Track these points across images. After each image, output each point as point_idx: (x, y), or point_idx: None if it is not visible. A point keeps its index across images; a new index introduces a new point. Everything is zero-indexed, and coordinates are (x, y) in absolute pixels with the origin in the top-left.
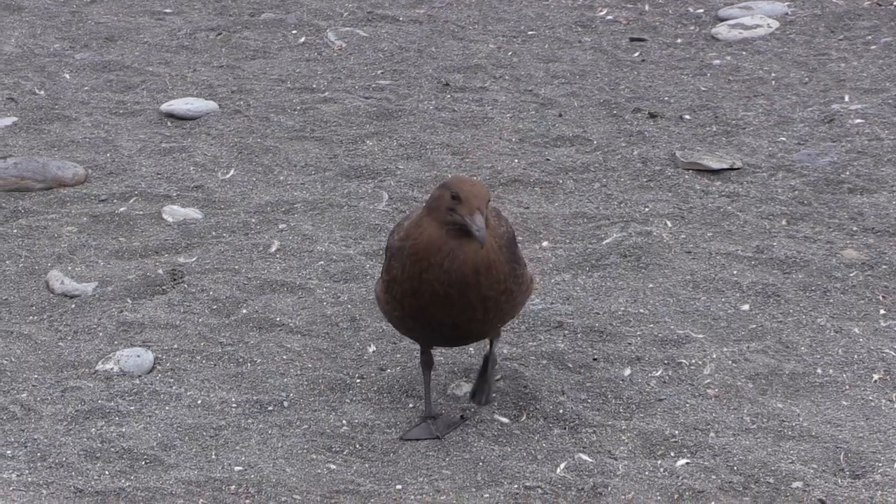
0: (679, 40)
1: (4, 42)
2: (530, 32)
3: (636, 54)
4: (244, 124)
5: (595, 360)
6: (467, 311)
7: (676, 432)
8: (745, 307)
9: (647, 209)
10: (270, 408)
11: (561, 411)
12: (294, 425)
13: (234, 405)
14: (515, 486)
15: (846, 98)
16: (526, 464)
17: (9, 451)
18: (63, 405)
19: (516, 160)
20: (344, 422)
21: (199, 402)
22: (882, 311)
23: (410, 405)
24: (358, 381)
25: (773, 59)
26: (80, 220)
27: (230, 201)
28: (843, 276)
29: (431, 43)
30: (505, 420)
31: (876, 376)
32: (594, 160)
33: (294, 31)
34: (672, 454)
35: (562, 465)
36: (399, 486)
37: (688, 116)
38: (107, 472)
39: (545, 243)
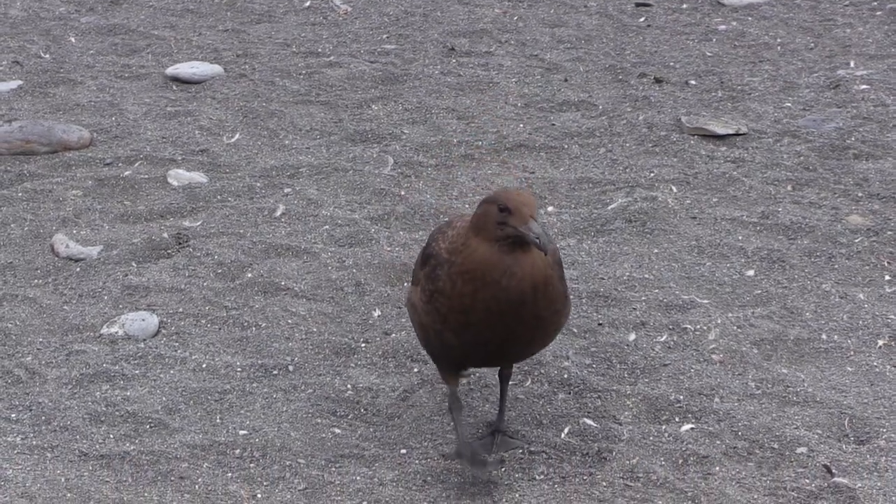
0: (685, 5)
1: (10, 5)
2: None
3: (642, 19)
4: (249, 88)
5: (600, 325)
6: (518, 330)
7: (681, 397)
8: (750, 273)
9: (652, 174)
10: (275, 372)
11: (566, 376)
12: (299, 389)
13: (238, 369)
14: (520, 450)
15: (851, 64)
16: (531, 428)
17: (13, 415)
18: (68, 369)
19: (522, 125)
20: (349, 386)
21: (204, 365)
22: (887, 277)
23: (415, 369)
24: (363, 345)
25: (778, 24)
26: (85, 184)
27: (235, 165)
28: (849, 242)
29: (437, 7)
30: (510, 384)
31: (881, 342)
32: (599, 125)
33: None
34: (677, 419)
35: (566, 430)
36: (404, 451)
37: (693, 82)
38: (111, 436)
39: (550, 208)
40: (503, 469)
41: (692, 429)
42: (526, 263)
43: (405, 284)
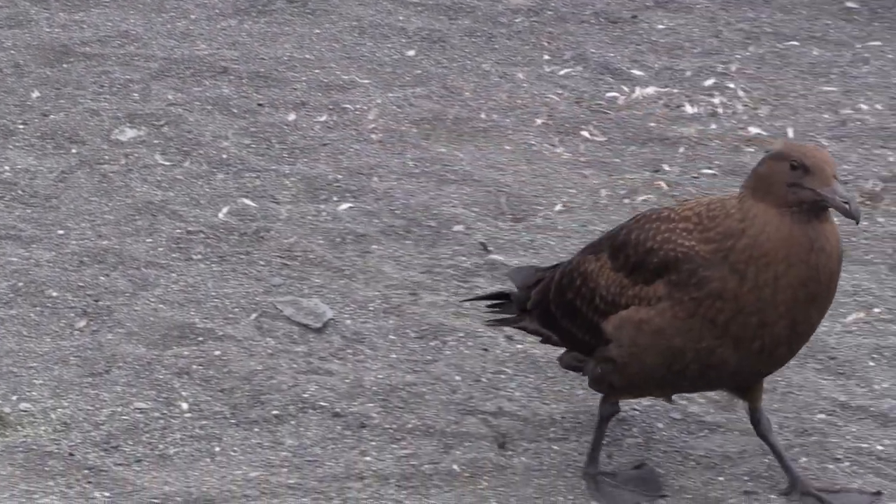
0: None
1: None
2: None
3: None
4: None
5: (260, 105)
6: (815, 323)
7: (340, 177)
8: (411, 52)
9: None
10: None
11: (224, 156)
12: None
13: None
14: (178, 230)
15: None
16: (189, 208)
17: None
18: None
19: None
20: (6, 168)
21: None
22: (546, 57)
23: (74, 150)
24: (21, 126)
25: None
26: None
27: None
28: (509, 22)
29: None
30: (167, 164)
31: (539, 121)
32: None
33: None
34: (335, 198)
35: (224, 210)
36: (61, 232)
37: None
38: None
39: None
40: None
41: (350, 207)
42: (830, 235)
43: (64, 66)
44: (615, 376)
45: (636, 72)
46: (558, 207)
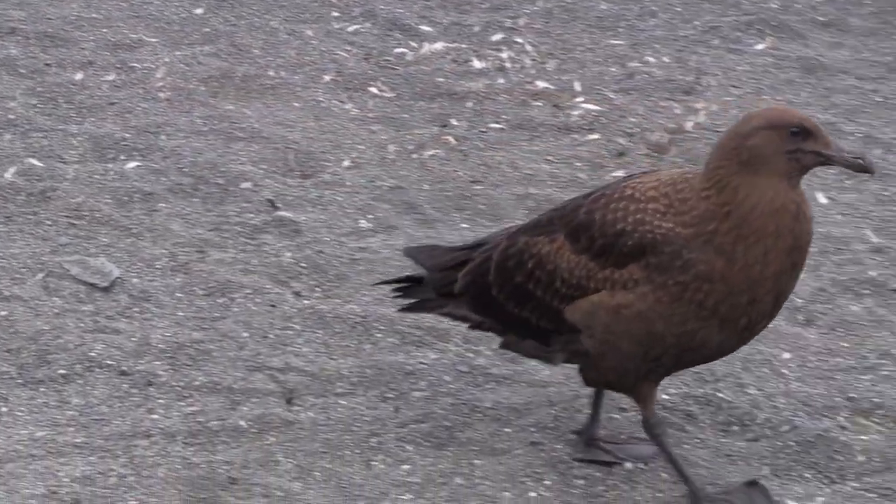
0: None
1: None
2: None
3: None
4: None
5: (47, 65)
6: (793, 288)
7: (127, 135)
8: (199, 11)
9: None
10: None
11: (11, 117)
12: None
13: None
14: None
15: None
16: None
17: None
18: None
19: None
20: None
21: None
22: (335, 13)
23: None
24: None
25: None
26: None
27: None
28: None
29: None
30: None
31: (327, 77)
32: None
33: None
34: (122, 157)
35: (11, 170)
36: None
37: None
38: None
39: None
40: None
41: (138, 166)
42: (806, 198)
43: None
44: (590, 372)
45: (425, 27)
46: (346, 163)
